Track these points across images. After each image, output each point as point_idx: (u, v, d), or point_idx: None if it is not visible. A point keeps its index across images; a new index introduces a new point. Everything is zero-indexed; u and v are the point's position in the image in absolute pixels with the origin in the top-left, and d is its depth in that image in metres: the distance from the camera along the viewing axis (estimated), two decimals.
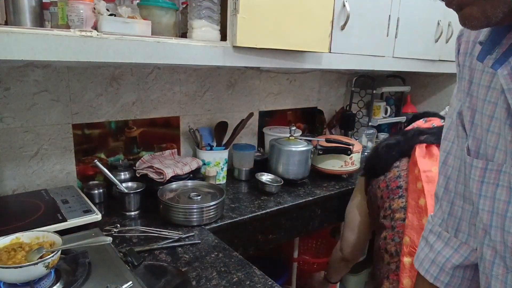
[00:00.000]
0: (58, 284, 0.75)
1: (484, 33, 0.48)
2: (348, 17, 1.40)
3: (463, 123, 0.57)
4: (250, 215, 1.22)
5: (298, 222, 1.39)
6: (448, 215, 0.63)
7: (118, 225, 1.09)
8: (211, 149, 1.48)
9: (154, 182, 1.27)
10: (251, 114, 1.54)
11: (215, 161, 1.46)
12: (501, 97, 0.48)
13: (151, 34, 0.99)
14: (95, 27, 0.91)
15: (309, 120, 2.04)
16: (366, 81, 2.06)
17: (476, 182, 0.51)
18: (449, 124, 0.62)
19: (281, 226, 1.34)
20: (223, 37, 1.11)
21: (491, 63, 0.46)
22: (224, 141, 1.53)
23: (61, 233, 0.82)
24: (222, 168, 1.49)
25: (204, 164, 1.45)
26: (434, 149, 1.08)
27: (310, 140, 1.58)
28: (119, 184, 1.19)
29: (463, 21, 0.42)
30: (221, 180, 1.51)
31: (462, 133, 0.58)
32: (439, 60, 1.87)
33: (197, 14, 1.06)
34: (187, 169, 1.34)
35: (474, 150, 0.52)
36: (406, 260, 0.95)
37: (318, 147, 1.55)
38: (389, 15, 1.60)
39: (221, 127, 1.54)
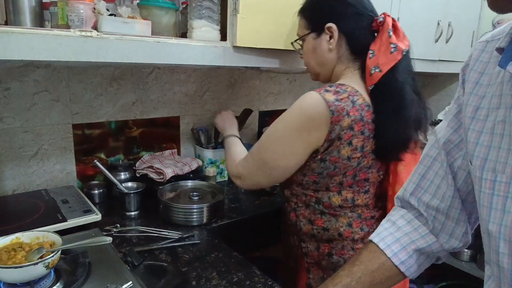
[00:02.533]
0: (58, 284, 0.75)
1: (505, 38, 0.48)
2: None
3: (448, 150, 0.60)
4: (250, 215, 1.22)
5: None
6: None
7: (118, 225, 1.09)
8: (211, 149, 1.48)
9: (154, 182, 1.27)
10: (247, 110, 1.45)
11: (215, 161, 1.46)
12: None
13: (151, 34, 0.99)
14: (95, 27, 0.91)
15: None
16: None
17: (487, 195, 0.51)
18: (433, 143, 0.64)
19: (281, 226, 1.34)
20: (223, 37, 1.11)
21: None
22: None
23: (61, 233, 0.82)
24: (222, 168, 1.49)
25: (204, 163, 1.45)
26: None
27: None
28: (119, 184, 1.19)
29: (493, 4, 0.42)
30: (221, 180, 1.51)
31: (444, 158, 0.61)
32: (439, 60, 1.87)
33: (197, 14, 1.06)
34: (187, 169, 1.34)
35: (479, 164, 0.53)
36: None
37: None
38: None
39: None
